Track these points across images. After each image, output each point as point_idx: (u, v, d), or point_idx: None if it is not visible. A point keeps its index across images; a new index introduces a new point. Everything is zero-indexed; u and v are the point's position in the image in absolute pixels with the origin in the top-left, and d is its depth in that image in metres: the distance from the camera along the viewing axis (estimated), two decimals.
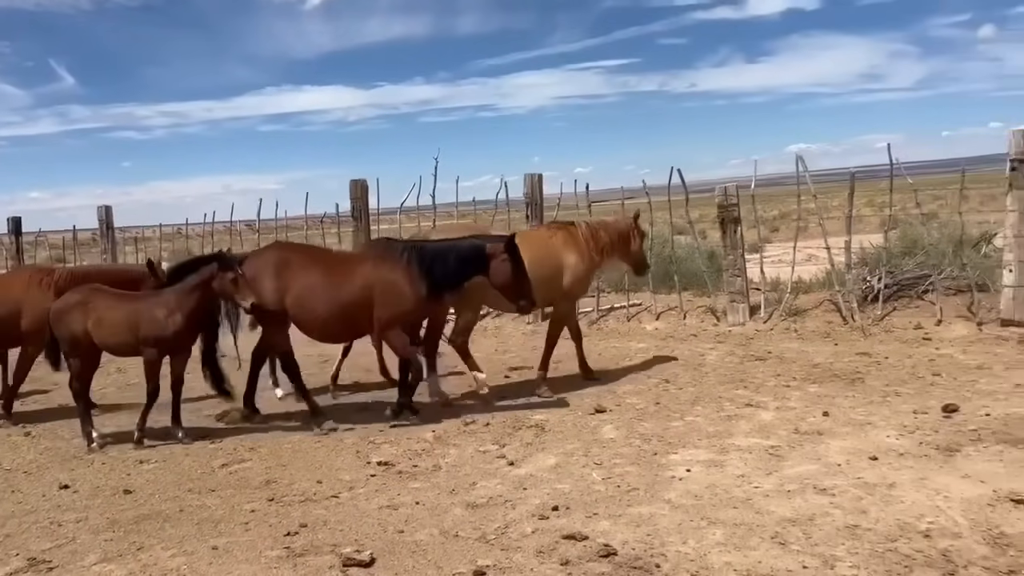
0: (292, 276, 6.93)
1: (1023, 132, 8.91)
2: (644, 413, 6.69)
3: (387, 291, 6.81)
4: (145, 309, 6.66)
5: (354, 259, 7.36)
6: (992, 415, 5.93)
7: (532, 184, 11.42)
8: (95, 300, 6.72)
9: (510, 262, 6.80)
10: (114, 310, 6.69)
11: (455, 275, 6.88)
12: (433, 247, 7.07)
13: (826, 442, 5.61)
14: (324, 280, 6.92)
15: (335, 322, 6.99)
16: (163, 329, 6.57)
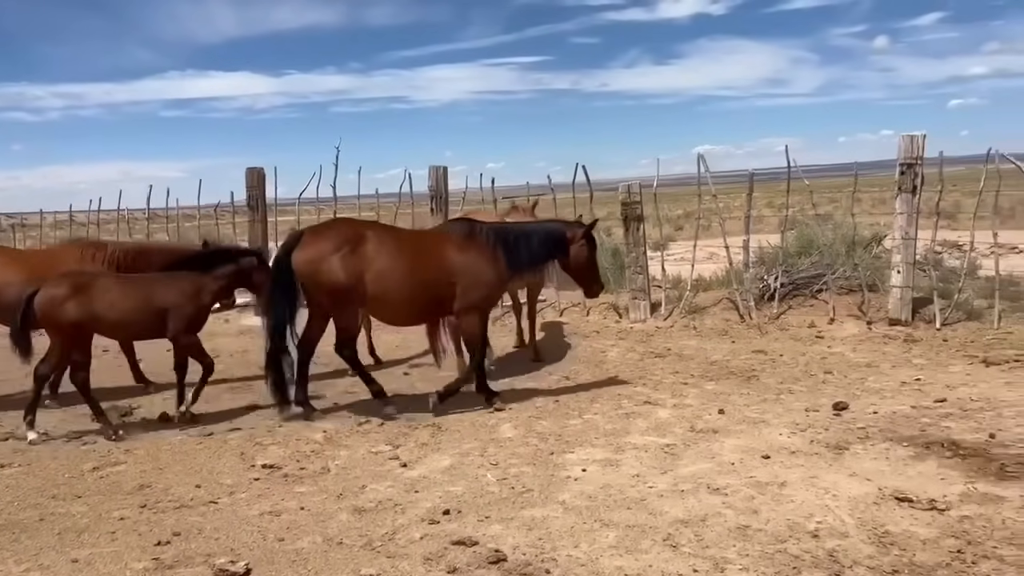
0: (370, 254, 6.54)
1: (911, 138, 9.24)
2: (543, 411, 6.59)
3: (472, 271, 6.69)
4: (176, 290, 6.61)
5: (436, 238, 7.06)
6: (879, 413, 6.07)
7: (437, 177, 11.20)
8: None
9: (587, 248, 6.92)
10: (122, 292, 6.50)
11: (535, 257, 6.91)
12: (515, 228, 7.08)
13: (721, 440, 5.62)
14: (407, 259, 6.62)
15: (416, 304, 6.76)
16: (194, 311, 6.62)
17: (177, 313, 6.55)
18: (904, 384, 6.98)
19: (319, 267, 6.46)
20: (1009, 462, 4.85)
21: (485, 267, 6.69)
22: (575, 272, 7.05)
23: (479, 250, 6.71)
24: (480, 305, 6.83)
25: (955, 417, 5.86)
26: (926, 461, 4.97)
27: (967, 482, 4.59)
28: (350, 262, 6.45)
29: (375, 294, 6.54)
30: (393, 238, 6.80)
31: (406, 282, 6.55)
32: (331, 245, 6.54)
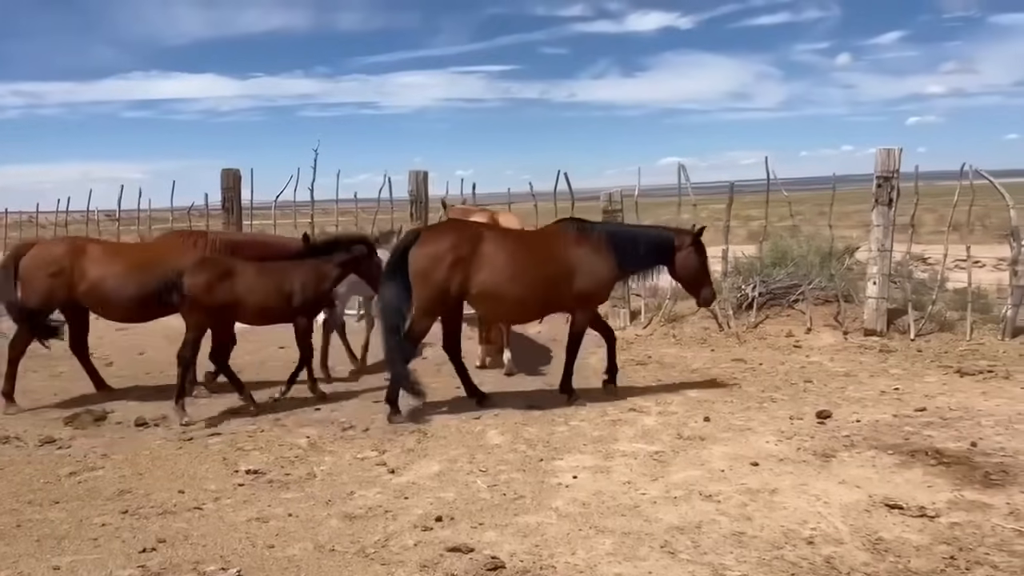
0: (485, 253, 6.66)
1: (888, 152, 9.39)
2: (529, 417, 6.55)
3: (587, 269, 6.82)
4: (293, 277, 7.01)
5: (549, 237, 7.15)
6: (862, 421, 6.14)
7: (417, 182, 11.14)
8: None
9: (695, 254, 6.96)
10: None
11: (642, 261, 7.02)
12: (625, 230, 7.30)
13: (708, 447, 5.64)
14: (523, 258, 6.75)
15: (531, 301, 6.89)
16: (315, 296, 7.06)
17: (301, 298, 6.99)
18: (883, 393, 7.07)
19: (435, 266, 6.58)
20: (992, 470, 4.92)
21: (598, 265, 6.85)
22: (683, 279, 7.16)
23: (592, 248, 6.87)
24: (592, 302, 7.07)
25: (936, 426, 5.94)
26: (912, 469, 5.03)
27: (954, 490, 4.65)
28: (466, 261, 6.60)
29: (491, 292, 6.68)
30: (509, 237, 6.98)
31: (522, 280, 6.69)
32: (449, 243, 6.67)
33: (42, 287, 7.19)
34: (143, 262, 7.30)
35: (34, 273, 7.22)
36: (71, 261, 7.21)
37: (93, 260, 7.25)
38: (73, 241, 7.74)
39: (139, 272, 7.15)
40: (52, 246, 7.59)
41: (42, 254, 7.32)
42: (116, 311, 7.42)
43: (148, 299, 6.99)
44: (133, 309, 7.31)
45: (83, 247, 7.42)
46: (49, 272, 7.17)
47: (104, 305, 7.34)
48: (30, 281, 7.23)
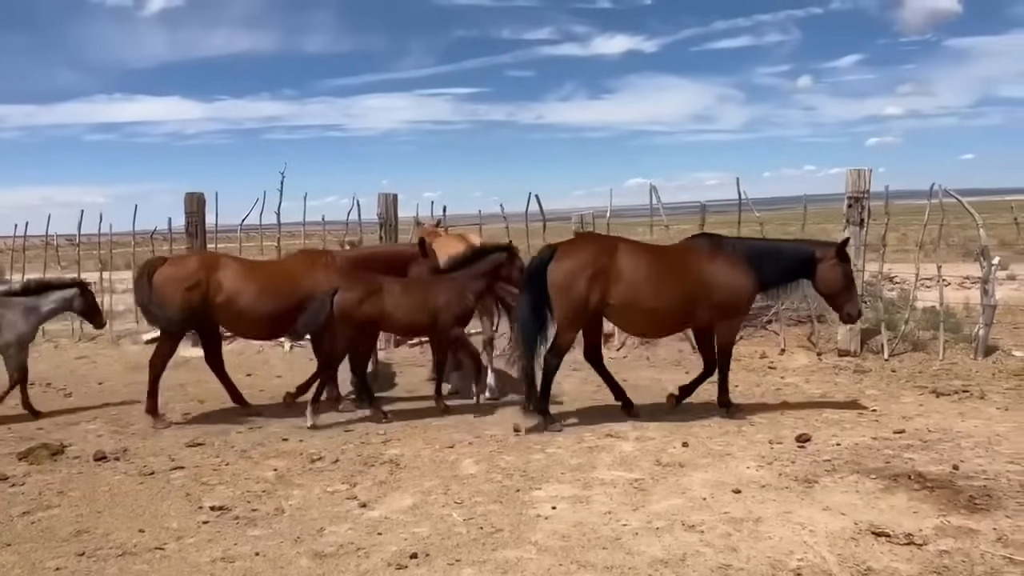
0: (623, 268, 6.77)
1: (859, 172, 9.44)
2: (504, 445, 6.39)
3: (722, 284, 6.86)
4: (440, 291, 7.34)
5: (685, 252, 7.21)
6: (842, 444, 6.06)
7: (387, 204, 10.99)
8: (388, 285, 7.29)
9: (838, 268, 6.89)
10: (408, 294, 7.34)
11: (782, 275, 7.02)
12: (763, 244, 7.30)
13: (689, 474, 5.51)
14: (659, 272, 6.83)
15: (666, 315, 6.97)
16: (461, 308, 7.36)
17: (447, 311, 7.29)
18: (862, 415, 7.01)
19: (574, 279, 6.70)
20: (976, 494, 4.86)
21: (735, 279, 6.87)
22: (825, 294, 7.12)
23: (728, 263, 6.89)
24: (729, 316, 7.06)
25: (916, 448, 5.88)
26: (896, 494, 4.94)
27: (940, 515, 4.57)
28: (603, 276, 6.72)
29: (627, 306, 6.80)
30: (645, 252, 7.04)
31: (657, 294, 6.78)
32: (587, 257, 6.79)
33: (178, 302, 7.24)
34: (277, 280, 7.51)
35: (169, 288, 7.27)
36: (206, 276, 7.32)
37: (228, 276, 7.38)
38: (207, 256, 7.95)
39: (273, 290, 7.38)
40: (187, 261, 7.69)
41: (177, 269, 7.41)
42: (249, 327, 7.66)
43: (282, 316, 7.29)
44: (265, 326, 7.54)
45: (217, 262, 7.55)
46: (185, 287, 7.26)
47: (237, 321, 7.53)
48: (165, 296, 7.28)
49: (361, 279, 7.29)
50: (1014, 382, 7.98)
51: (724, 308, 6.95)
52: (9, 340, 7.72)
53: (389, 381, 9.42)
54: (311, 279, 7.46)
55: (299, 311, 7.19)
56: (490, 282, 7.48)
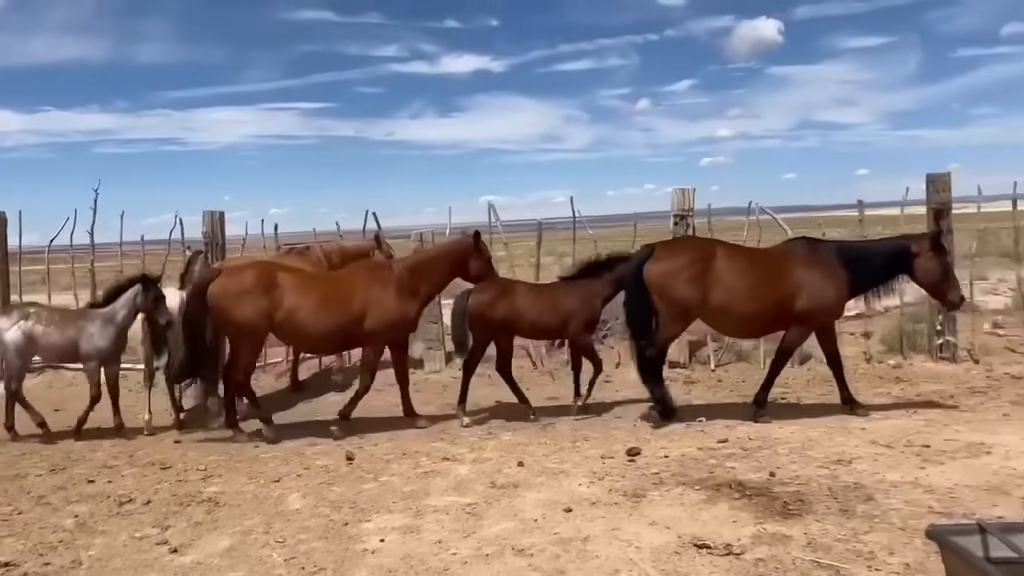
0: (720, 270, 6.98)
1: (683, 191, 9.85)
2: (335, 476, 6.11)
3: (814, 288, 7.00)
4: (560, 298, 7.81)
5: (780, 255, 7.36)
6: (670, 456, 6.21)
7: (213, 223, 10.41)
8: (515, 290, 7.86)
9: (936, 259, 6.87)
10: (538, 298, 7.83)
11: (878, 275, 7.14)
12: (857, 246, 7.42)
13: (522, 495, 5.46)
14: (754, 275, 7.03)
15: (759, 317, 7.14)
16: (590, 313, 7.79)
17: (576, 317, 7.68)
18: (689, 425, 7.25)
19: (671, 280, 6.99)
20: (790, 500, 5.07)
21: (827, 284, 6.94)
22: (926, 285, 7.17)
23: (822, 267, 6.94)
24: (815, 321, 7.23)
25: (738, 457, 6.11)
26: (718, 504, 5.08)
27: (757, 523, 4.72)
28: (701, 277, 6.97)
29: (722, 307, 7.04)
30: (741, 255, 7.31)
31: (753, 297, 7.00)
32: (685, 259, 7.06)
33: (243, 315, 7.18)
34: (339, 291, 7.46)
35: (230, 300, 7.20)
36: (266, 287, 7.24)
37: (290, 288, 7.32)
38: (266, 266, 7.72)
39: (335, 301, 7.36)
40: (245, 272, 7.46)
41: (234, 281, 7.29)
42: (311, 342, 7.76)
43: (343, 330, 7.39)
44: (329, 339, 7.58)
45: (276, 273, 7.45)
46: (245, 299, 7.18)
47: (298, 335, 7.48)
48: (228, 308, 7.18)
49: (492, 282, 7.73)
50: (826, 388, 8.51)
51: (810, 313, 7.14)
52: (90, 354, 7.50)
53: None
54: (372, 290, 7.44)
55: (360, 324, 7.28)
56: (617, 291, 7.76)
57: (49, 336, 7.53)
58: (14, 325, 7.46)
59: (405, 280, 7.52)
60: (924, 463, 5.64)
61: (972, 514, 4.55)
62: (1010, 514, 4.51)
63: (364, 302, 7.38)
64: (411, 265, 7.76)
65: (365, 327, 7.41)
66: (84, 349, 7.53)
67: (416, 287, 7.61)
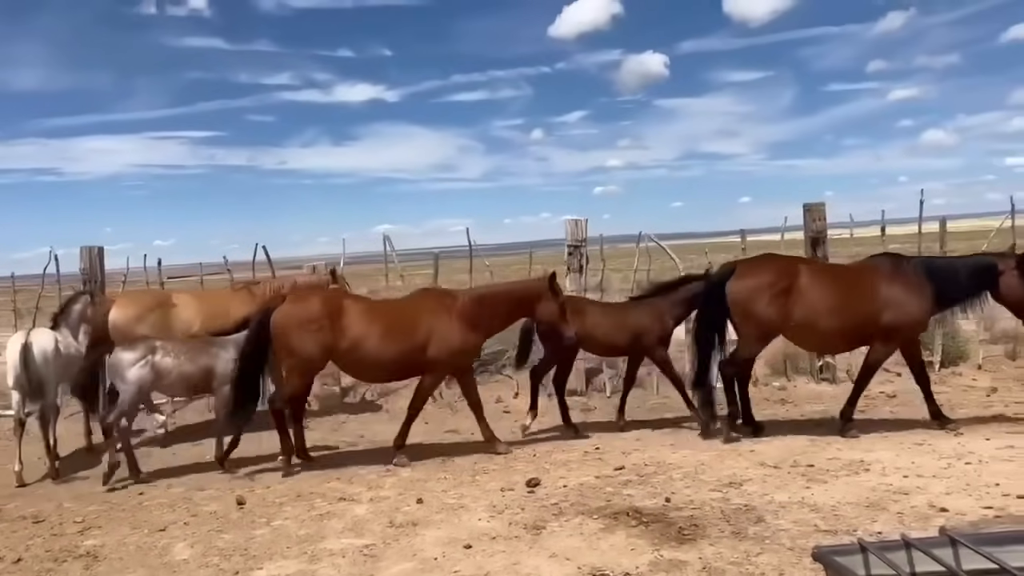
0: (804, 287, 7.06)
1: (576, 222, 10.03)
2: (225, 521, 5.85)
3: (898, 304, 7.01)
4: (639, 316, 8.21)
5: (864, 272, 7.40)
6: (569, 486, 6.24)
7: (91, 258, 9.89)
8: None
9: (1022, 278, 6.85)
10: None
11: (963, 290, 7.11)
12: (943, 263, 7.43)
13: (421, 533, 5.37)
14: (840, 292, 7.09)
15: (843, 334, 7.23)
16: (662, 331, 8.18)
17: (648, 334, 8.09)
18: (586, 454, 7.32)
19: (754, 297, 7.08)
20: (685, 525, 5.17)
21: (911, 299, 6.93)
22: (1011, 303, 7.12)
23: (907, 283, 6.92)
24: (899, 336, 7.25)
25: (635, 484, 6.20)
26: (616, 532, 5.13)
27: (654, 550, 4.79)
28: (784, 294, 7.05)
29: (807, 323, 7.11)
30: (824, 271, 7.39)
31: (837, 312, 7.04)
32: (769, 277, 7.12)
33: (307, 343, 7.09)
34: (403, 319, 7.36)
35: (295, 327, 7.10)
36: (332, 315, 7.13)
37: (356, 316, 7.22)
38: (331, 294, 7.74)
39: (400, 330, 7.26)
40: (311, 300, 7.36)
41: (300, 308, 7.19)
42: (375, 370, 7.62)
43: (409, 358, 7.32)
44: (392, 368, 7.50)
45: (341, 300, 7.41)
46: (311, 328, 7.07)
47: (362, 363, 7.38)
48: (291, 336, 7.09)
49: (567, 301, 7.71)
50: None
51: (894, 328, 7.16)
52: (225, 379, 7.45)
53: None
54: (437, 319, 7.33)
55: (423, 352, 7.23)
56: (690, 310, 8.05)
57: (181, 367, 7.36)
58: (140, 360, 7.23)
59: (468, 311, 7.40)
60: (809, 482, 5.88)
61: (855, 530, 4.76)
62: (888, 528, 4.75)
63: (428, 331, 7.28)
64: (477, 297, 7.62)
65: (428, 355, 7.31)
66: (220, 374, 7.43)
67: (478, 320, 7.46)
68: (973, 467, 5.98)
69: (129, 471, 7.32)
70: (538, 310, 7.53)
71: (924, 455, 6.44)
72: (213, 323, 8.15)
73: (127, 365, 7.20)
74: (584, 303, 8.19)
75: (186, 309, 8.60)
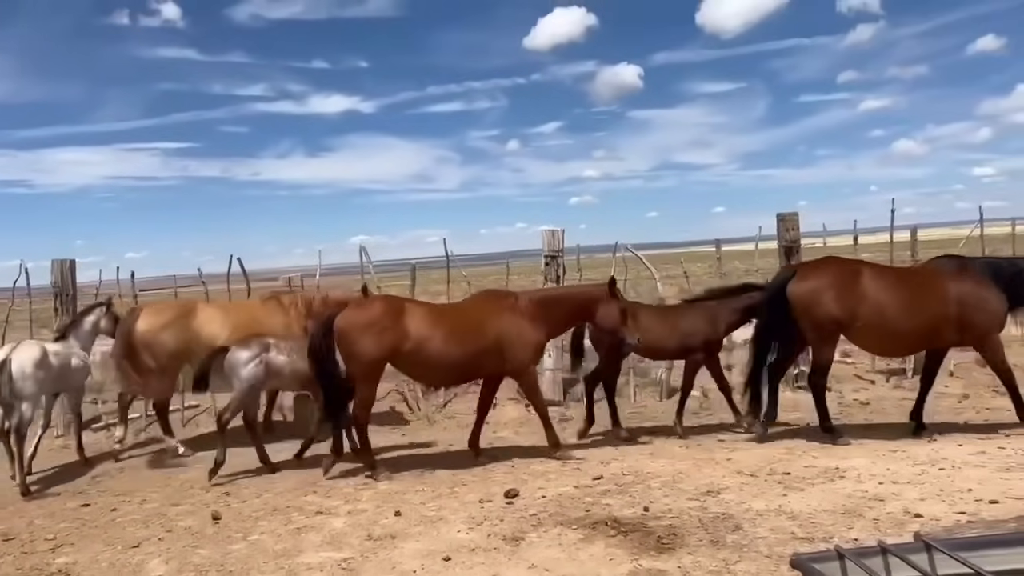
0: (866, 289, 6.99)
1: (553, 232, 10.06)
2: (200, 537, 5.78)
3: (976, 307, 6.90)
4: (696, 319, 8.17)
5: (928, 273, 7.33)
6: (547, 496, 6.23)
7: (63, 271, 9.76)
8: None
9: None
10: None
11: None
12: (1010, 263, 7.36)
13: (400, 546, 5.34)
14: (906, 293, 7.00)
15: (910, 336, 7.14)
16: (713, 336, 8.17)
17: (697, 337, 8.03)
18: (565, 465, 7.32)
19: (817, 299, 7.04)
20: (664, 534, 5.18)
21: (984, 297, 6.84)
22: None
23: (975, 283, 6.83)
24: (990, 333, 7.11)
25: (613, 493, 6.21)
26: (595, 543, 5.13)
27: (632, 559, 4.80)
28: (848, 296, 6.99)
29: (870, 326, 7.04)
30: (887, 273, 7.30)
31: (903, 316, 6.96)
32: (831, 278, 7.08)
33: (370, 347, 7.05)
34: (465, 322, 7.37)
35: (358, 332, 7.06)
36: (395, 319, 7.13)
37: (418, 319, 7.20)
38: (393, 298, 7.79)
39: (462, 332, 7.25)
40: (373, 304, 7.42)
41: (362, 313, 7.20)
42: (437, 374, 7.64)
43: (474, 360, 7.36)
44: (457, 371, 7.50)
45: (403, 304, 7.42)
46: (373, 330, 7.06)
47: (425, 367, 7.38)
48: (354, 341, 7.06)
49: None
50: (693, 420, 8.83)
51: (971, 328, 7.07)
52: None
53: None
54: (498, 321, 7.34)
55: (487, 355, 7.25)
56: (746, 318, 8.09)
57: (293, 365, 7.57)
58: (254, 359, 7.48)
59: (528, 312, 7.42)
60: (786, 490, 5.91)
61: (831, 537, 4.80)
62: (864, 535, 4.79)
63: (491, 333, 7.30)
64: (537, 299, 7.63)
65: (491, 359, 7.35)
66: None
67: (538, 321, 7.47)
68: (947, 473, 6.05)
69: (260, 460, 7.85)
70: (599, 315, 7.57)
71: (899, 461, 6.52)
72: (241, 334, 8.15)
73: (242, 363, 7.50)
74: (638, 307, 8.07)
75: (212, 320, 8.60)
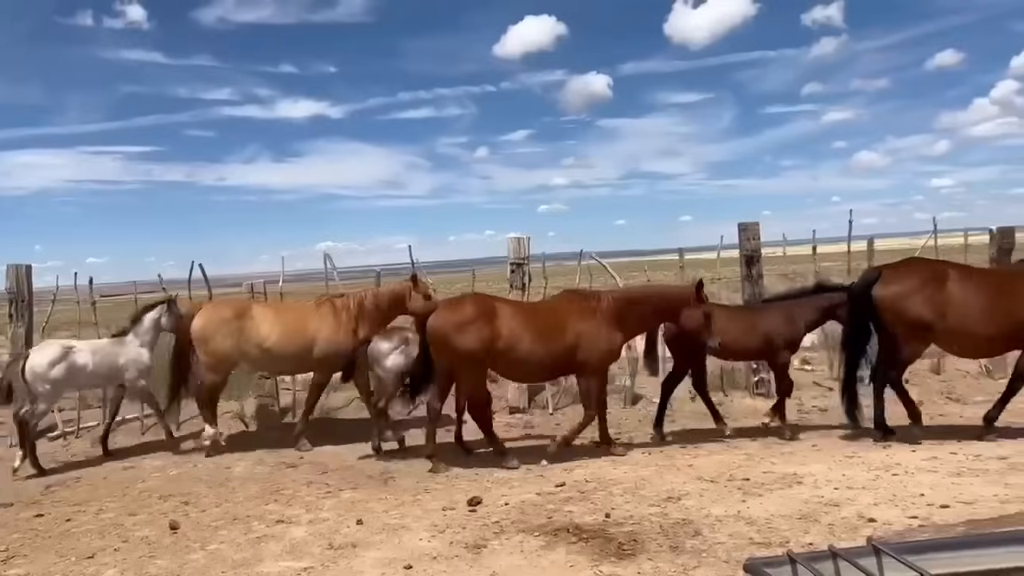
0: (953, 291, 7.04)
1: (519, 240, 10.09)
2: (157, 548, 5.69)
3: None
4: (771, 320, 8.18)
5: (1014, 276, 7.40)
6: (510, 504, 6.24)
7: (18, 277, 9.58)
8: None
9: None
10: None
11: None
12: None
13: (361, 555, 5.31)
14: (993, 295, 7.05)
15: (996, 339, 7.17)
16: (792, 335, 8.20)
17: (776, 337, 8.06)
18: (529, 471, 7.34)
19: (904, 302, 7.11)
20: (624, 540, 5.23)
21: None
22: None
23: None
24: None
25: (575, 500, 6.24)
26: (556, 550, 5.16)
27: (593, 565, 4.83)
28: (935, 298, 7.03)
29: (960, 327, 7.07)
30: (975, 275, 7.32)
31: (990, 319, 6.99)
32: (916, 281, 7.14)
33: (464, 345, 7.26)
34: (553, 321, 7.50)
35: (451, 330, 7.29)
36: (487, 317, 7.32)
37: (508, 318, 7.38)
38: (484, 297, 7.87)
39: (551, 331, 7.42)
40: (465, 303, 7.55)
41: (455, 311, 7.38)
42: (526, 371, 7.91)
43: (558, 358, 7.52)
44: (543, 368, 7.74)
45: (494, 303, 7.58)
46: (466, 329, 7.25)
47: (515, 364, 7.56)
48: (448, 339, 7.29)
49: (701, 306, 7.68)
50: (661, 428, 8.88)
51: None
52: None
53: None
54: (582, 321, 7.47)
55: (574, 353, 7.40)
56: (827, 317, 8.16)
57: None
58: (396, 349, 7.89)
59: (613, 312, 7.54)
60: (745, 496, 5.99)
61: (788, 542, 4.88)
62: (819, 539, 4.88)
63: (577, 332, 7.46)
64: (622, 298, 7.76)
65: (578, 357, 7.49)
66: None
67: (622, 321, 7.61)
68: (900, 478, 6.18)
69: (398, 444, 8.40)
70: (682, 316, 7.68)
71: (854, 467, 6.64)
72: (292, 336, 8.47)
73: (385, 354, 8.08)
74: (712, 309, 8.01)
75: (265, 321, 8.68)
